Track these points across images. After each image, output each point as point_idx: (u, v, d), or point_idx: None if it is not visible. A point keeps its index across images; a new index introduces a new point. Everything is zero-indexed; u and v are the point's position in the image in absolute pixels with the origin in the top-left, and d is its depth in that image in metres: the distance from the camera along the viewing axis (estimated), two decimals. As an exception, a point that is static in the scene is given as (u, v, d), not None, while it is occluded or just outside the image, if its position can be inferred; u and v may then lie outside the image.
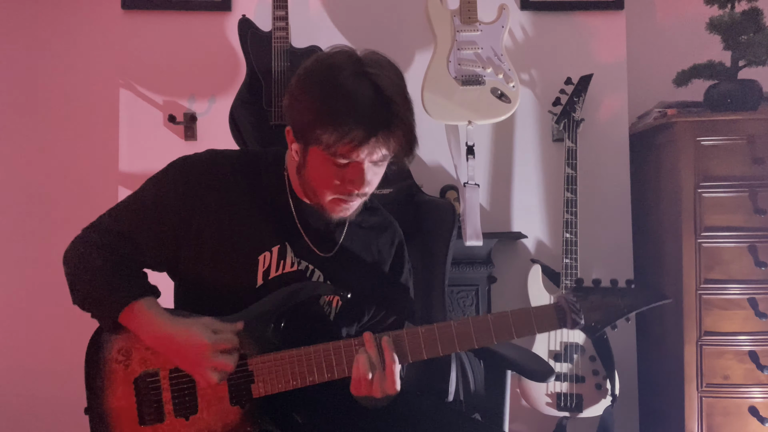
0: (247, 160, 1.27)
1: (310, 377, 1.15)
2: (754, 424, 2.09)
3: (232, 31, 2.40)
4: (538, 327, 1.13)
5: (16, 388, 2.60)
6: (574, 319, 1.12)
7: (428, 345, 1.14)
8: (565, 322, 1.13)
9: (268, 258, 1.20)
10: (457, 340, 1.13)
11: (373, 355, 1.11)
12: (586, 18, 2.54)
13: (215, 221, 1.20)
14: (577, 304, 1.13)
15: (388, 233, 1.35)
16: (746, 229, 2.12)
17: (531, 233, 2.50)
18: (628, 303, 1.14)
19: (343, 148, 1.07)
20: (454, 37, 2.22)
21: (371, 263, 1.32)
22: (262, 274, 1.20)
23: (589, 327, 1.14)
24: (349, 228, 1.29)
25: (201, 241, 1.19)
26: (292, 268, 1.22)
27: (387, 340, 1.13)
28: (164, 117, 2.44)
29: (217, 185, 1.21)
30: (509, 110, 2.20)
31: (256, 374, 1.16)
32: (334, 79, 1.09)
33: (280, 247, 1.22)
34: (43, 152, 2.66)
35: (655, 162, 2.39)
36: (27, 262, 2.60)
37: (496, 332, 1.13)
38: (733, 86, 2.19)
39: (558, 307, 1.14)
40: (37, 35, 2.66)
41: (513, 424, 2.44)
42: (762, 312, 2.09)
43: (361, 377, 1.10)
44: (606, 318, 1.14)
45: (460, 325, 1.13)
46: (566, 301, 1.14)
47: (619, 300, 1.15)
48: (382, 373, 1.11)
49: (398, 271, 1.36)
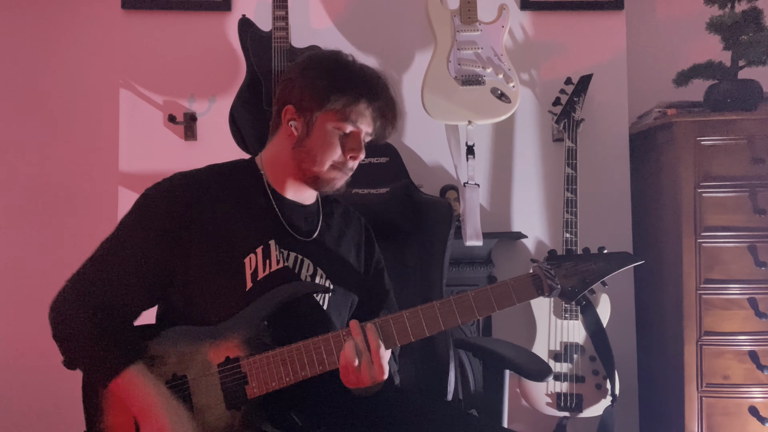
0: (218, 172, 1.29)
1: (303, 372, 1.16)
2: (754, 424, 2.09)
3: (232, 31, 2.41)
4: (517, 297, 1.18)
5: (16, 388, 2.60)
6: (550, 285, 1.17)
7: (414, 327, 1.17)
8: (542, 290, 1.18)
9: (253, 260, 1.22)
10: (441, 319, 1.16)
11: (360, 342, 1.14)
12: (586, 18, 2.54)
13: (198, 240, 1.20)
14: (551, 270, 1.18)
15: (355, 220, 1.44)
16: (746, 229, 2.12)
17: (531, 233, 2.50)
18: (601, 267, 1.18)
19: (351, 112, 1.23)
20: (454, 37, 2.22)
21: (347, 247, 1.38)
22: (250, 276, 1.21)
23: (567, 292, 1.18)
24: (323, 216, 1.37)
25: (188, 263, 1.19)
26: (278, 265, 1.23)
27: (371, 327, 1.16)
28: (164, 117, 2.44)
29: (191, 204, 1.21)
30: (509, 110, 2.20)
31: (249, 375, 1.16)
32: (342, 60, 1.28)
33: (263, 247, 1.23)
34: (43, 152, 2.66)
35: (655, 162, 2.39)
36: (27, 261, 2.60)
37: (478, 307, 1.17)
38: (733, 86, 2.19)
39: (534, 276, 1.19)
40: (38, 35, 2.67)
41: (513, 424, 2.43)
42: (762, 312, 2.08)
43: (348, 364, 1.13)
44: (582, 283, 1.18)
45: (443, 305, 1.17)
46: (541, 270, 1.18)
47: (592, 265, 1.19)
48: (369, 359, 1.14)
49: (371, 253, 1.43)
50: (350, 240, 1.40)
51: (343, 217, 1.42)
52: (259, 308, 1.18)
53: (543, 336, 2.25)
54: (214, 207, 1.23)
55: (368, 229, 1.46)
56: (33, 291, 2.57)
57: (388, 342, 1.16)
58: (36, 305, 2.54)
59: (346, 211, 1.44)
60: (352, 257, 1.38)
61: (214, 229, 1.21)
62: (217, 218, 1.22)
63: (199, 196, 1.23)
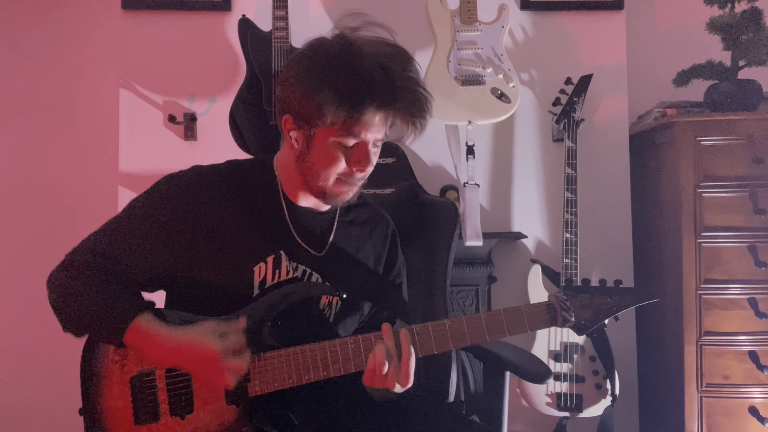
0: (235, 171, 1.26)
1: (306, 375, 1.15)
2: (754, 424, 2.09)
3: (232, 31, 2.40)
4: (530, 325, 1.16)
5: (16, 388, 2.60)
6: (564, 317, 1.15)
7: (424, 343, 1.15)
8: (555, 321, 1.16)
9: (263, 269, 1.20)
10: (451, 338, 1.15)
11: (391, 347, 1.12)
12: (586, 18, 2.54)
13: (207, 236, 1.19)
14: (567, 302, 1.16)
15: (381, 226, 1.37)
16: (746, 229, 2.12)
17: (531, 233, 2.50)
18: (616, 302, 1.18)
19: (354, 126, 1.10)
20: (454, 37, 2.22)
21: (365, 259, 1.33)
22: (258, 284, 1.20)
23: (579, 325, 1.17)
24: (339, 226, 1.30)
25: (194, 257, 1.19)
26: (288, 275, 1.22)
27: (405, 333, 1.13)
28: (164, 117, 2.44)
29: (205, 200, 1.21)
30: (509, 110, 2.20)
31: (252, 373, 1.16)
32: (344, 56, 1.11)
33: (275, 257, 1.21)
34: (43, 152, 2.66)
35: (655, 162, 2.39)
36: (27, 261, 2.60)
37: (489, 330, 1.15)
38: (733, 86, 2.19)
39: (549, 305, 1.17)
40: (38, 35, 2.66)
41: (513, 424, 2.44)
42: (762, 312, 2.08)
43: (377, 367, 1.10)
44: (595, 316, 1.17)
45: (454, 323, 1.15)
46: (557, 300, 1.17)
47: (608, 299, 1.18)
48: (398, 365, 1.11)
49: (392, 264, 1.37)
50: (369, 250, 1.34)
51: (367, 224, 1.34)
52: (264, 306, 1.18)
53: (543, 336, 2.25)
54: (226, 208, 1.21)
55: (394, 237, 1.38)
56: (32, 291, 2.57)
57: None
58: (36, 305, 2.56)
59: (372, 217, 1.36)
60: (369, 268, 1.33)
61: (224, 231, 1.20)
62: (228, 221, 1.20)
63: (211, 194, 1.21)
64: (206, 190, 1.22)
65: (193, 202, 1.20)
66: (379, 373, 1.10)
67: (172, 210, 1.19)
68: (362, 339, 1.16)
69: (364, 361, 1.14)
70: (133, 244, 1.18)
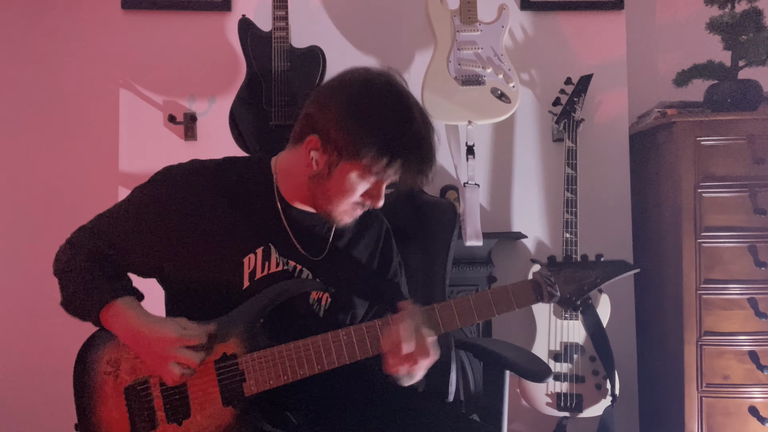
0: (230, 166, 1.29)
1: (301, 371, 1.16)
2: (754, 424, 2.09)
3: (232, 31, 2.40)
4: (516, 303, 1.18)
5: (16, 388, 2.60)
6: (550, 292, 1.18)
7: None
8: (542, 297, 1.18)
9: (252, 260, 1.22)
10: (441, 322, 1.17)
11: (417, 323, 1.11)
12: (586, 18, 2.54)
13: (198, 227, 1.21)
14: (551, 278, 1.18)
15: (375, 225, 1.38)
16: (746, 229, 2.12)
17: (531, 233, 2.50)
18: (599, 274, 1.20)
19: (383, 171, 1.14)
20: (454, 37, 2.22)
21: (361, 260, 1.34)
22: (248, 275, 1.21)
23: (565, 299, 1.19)
24: (337, 228, 1.31)
25: (185, 248, 1.20)
26: (278, 268, 1.23)
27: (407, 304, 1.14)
28: (164, 117, 2.44)
29: (199, 192, 1.23)
30: (509, 110, 2.20)
31: (246, 373, 1.16)
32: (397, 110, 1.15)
33: (264, 249, 1.23)
34: (43, 152, 2.66)
35: (655, 162, 2.39)
36: (27, 261, 2.60)
37: (478, 311, 1.17)
38: (733, 86, 2.19)
39: (534, 282, 1.19)
40: (38, 35, 2.66)
41: (513, 424, 2.44)
42: (762, 312, 2.09)
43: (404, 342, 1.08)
44: (580, 290, 1.20)
45: (443, 308, 1.17)
46: (542, 276, 1.18)
47: (590, 272, 1.20)
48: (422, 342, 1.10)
49: (387, 262, 1.38)
50: (363, 249, 1.35)
51: (362, 223, 1.33)
52: (255, 306, 1.18)
53: (543, 336, 2.25)
54: (219, 201, 1.23)
55: (387, 235, 1.40)
56: (32, 291, 2.58)
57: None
58: (36, 305, 2.57)
59: (366, 217, 1.35)
60: (363, 266, 1.34)
61: (215, 223, 1.21)
62: (219, 213, 1.22)
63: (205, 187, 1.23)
64: (200, 183, 1.24)
65: (186, 193, 1.22)
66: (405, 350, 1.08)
67: (167, 200, 1.22)
68: (354, 330, 1.16)
69: (357, 352, 1.15)
70: (128, 229, 1.22)
